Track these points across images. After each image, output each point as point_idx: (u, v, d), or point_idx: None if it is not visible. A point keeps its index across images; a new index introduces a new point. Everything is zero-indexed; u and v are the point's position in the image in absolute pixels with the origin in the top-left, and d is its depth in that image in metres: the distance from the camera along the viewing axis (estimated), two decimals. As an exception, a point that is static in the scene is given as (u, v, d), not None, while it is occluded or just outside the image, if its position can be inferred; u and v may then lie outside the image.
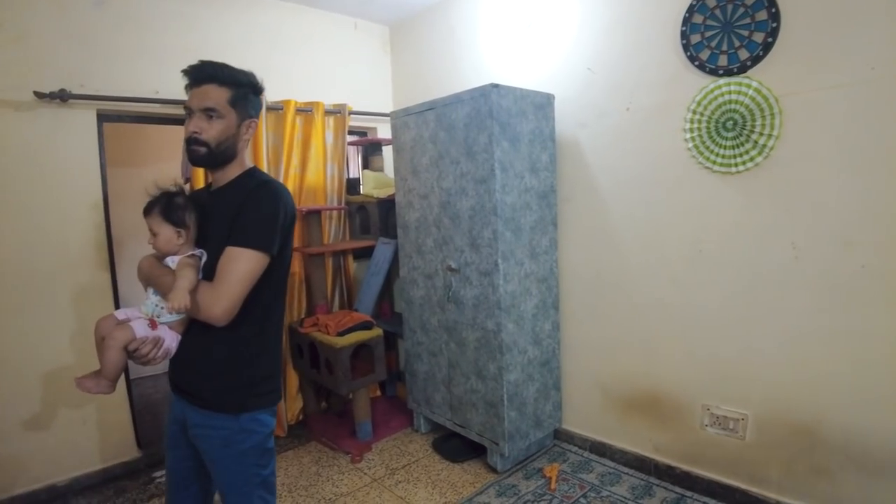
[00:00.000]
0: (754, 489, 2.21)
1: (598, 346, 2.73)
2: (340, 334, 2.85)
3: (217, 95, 1.34)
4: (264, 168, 3.02)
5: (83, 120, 2.56)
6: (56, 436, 2.56)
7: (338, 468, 2.81)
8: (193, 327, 1.36)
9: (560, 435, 2.94)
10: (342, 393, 2.90)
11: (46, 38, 2.44)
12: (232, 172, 1.43)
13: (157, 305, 1.32)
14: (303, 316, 3.26)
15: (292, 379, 3.27)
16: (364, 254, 3.63)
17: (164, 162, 3.98)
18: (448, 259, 2.72)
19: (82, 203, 2.58)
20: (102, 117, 2.65)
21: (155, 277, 1.31)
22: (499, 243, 2.44)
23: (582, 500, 2.40)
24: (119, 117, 2.73)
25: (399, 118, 2.91)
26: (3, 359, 2.41)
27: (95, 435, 2.68)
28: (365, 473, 2.74)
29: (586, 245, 2.73)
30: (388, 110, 3.59)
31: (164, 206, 1.33)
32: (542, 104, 2.63)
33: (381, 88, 3.79)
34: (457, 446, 2.87)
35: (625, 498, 2.38)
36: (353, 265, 3.56)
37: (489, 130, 2.39)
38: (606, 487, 2.48)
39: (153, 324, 1.31)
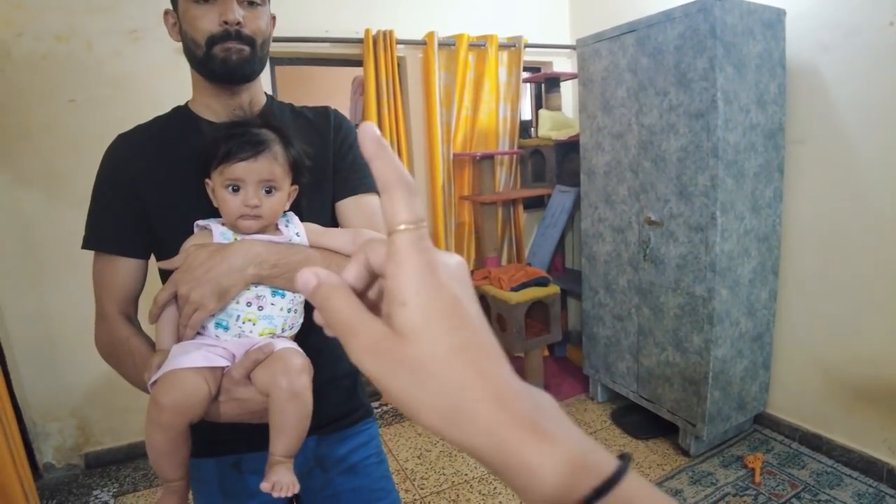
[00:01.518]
0: None
1: (825, 321, 2.25)
2: (514, 289, 2.66)
3: None
4: (437, 111, 2.86)
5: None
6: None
7: (508, 429, 2.67)
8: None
9: (762, 419, 2.52)
10: (515, 352, 2.74)
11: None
12: (260, 96, 0.98)
13: (290, 311, 0.82)
14: (472, 268, 3.13)
15: (459, 332, 3.18)
16: (532, 203, 3.37)
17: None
18: (647, 210, 2.34)
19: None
20: (274, 60, 2.65)
21: (296, 263, 0.79)
22: (718, 192, 2.02)
23: (794, 500, 2.02)
24: (290, 60, 2.73)
25: (588, 45, 2.53)
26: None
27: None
28: (538, 439, 2.56)
29: (820, 196, 2.21)
30: (564, 42, 3.21)
31: (287, 141, 0.83)
32: (772, 22, 2.10)
33: (557, 17, 3.37)
34: (640, 422, 2.58)
35: (850, 507, 1.96)
36: (523, 215, 3.32)
37: (710, 53, 1.95)
38: (825, 490, 2.07)
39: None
